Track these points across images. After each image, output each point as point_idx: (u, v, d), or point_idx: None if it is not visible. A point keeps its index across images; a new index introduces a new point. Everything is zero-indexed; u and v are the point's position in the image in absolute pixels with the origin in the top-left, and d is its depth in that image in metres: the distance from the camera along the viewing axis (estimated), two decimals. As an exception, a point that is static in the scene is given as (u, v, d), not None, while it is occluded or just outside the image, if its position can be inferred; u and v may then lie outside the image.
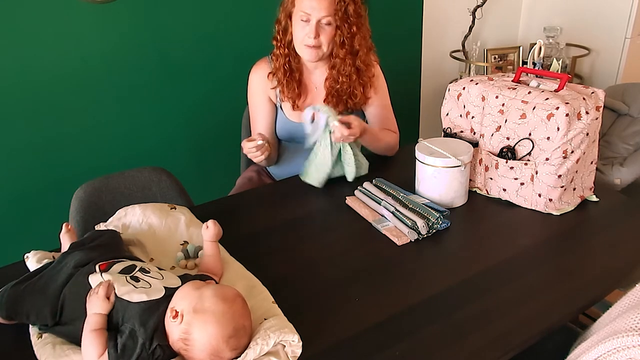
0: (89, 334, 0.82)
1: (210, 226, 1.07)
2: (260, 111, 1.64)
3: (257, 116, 1.65)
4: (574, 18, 2.94)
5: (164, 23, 2.12)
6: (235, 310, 0.84)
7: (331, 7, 1.42)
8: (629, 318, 0.76)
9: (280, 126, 1.65)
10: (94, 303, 0.85)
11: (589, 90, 1.28)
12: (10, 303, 0.91)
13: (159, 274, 0.93)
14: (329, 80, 1.57)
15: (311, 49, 1.47)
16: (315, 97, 1.62)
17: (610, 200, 1.38)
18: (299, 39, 1.48)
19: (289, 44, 1.53)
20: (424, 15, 2.88)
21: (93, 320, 0.83)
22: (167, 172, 1.57)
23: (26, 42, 1.87)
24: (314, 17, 1.42)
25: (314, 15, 1.42)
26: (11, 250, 2.01)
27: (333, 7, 1.42)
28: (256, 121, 1.66)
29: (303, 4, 1.43)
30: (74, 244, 1.02)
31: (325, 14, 1.42)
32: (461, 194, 1.36)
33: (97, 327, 0.83)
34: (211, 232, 1.07)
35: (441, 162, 1.30)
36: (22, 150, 1.98)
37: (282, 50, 1.53)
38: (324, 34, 1.46)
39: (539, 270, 1.11)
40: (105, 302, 0.84)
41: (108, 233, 1.08)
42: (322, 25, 1.44)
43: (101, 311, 0.84)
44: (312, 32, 1.44)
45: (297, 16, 1.46)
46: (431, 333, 0.94)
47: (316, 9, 1.41)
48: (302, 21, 1.44)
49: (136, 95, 2.15)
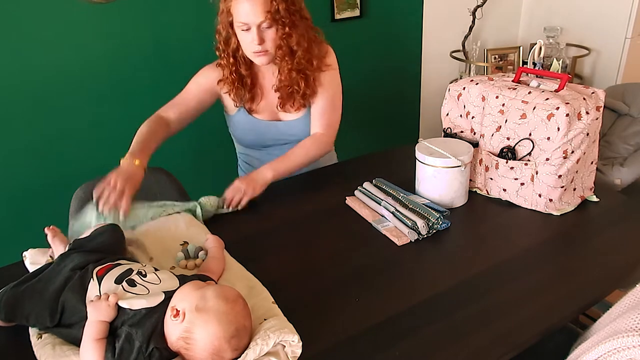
0: (91, 343, 0.81)
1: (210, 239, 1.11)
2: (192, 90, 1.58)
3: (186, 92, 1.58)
4: (574, 18, 2.94)
5: (164, 23, 2.12)
6: (237, 310, 0.84)
7: (265, 10, 1.38)
8: (629, 318, 0.76)
9: (247, 127, 1.61)
10: (101, 310, 0.83)
11: (589, 90, 1.28)
12: (9, 306, 0.90)
13: (156, 276, 0.92)
14: (277, 82, 1.54)
15: (260, 54, 1.44)
16: (272, 98, 1.58)
17: (610, 200, 1.38)
18: (246, 48, 1.45)
19: (235, 52, 1.50)
20: (424, 15, 2.89)
21: (96, 328, 0.82)
22: (167, 172, 1.57)
23: (26, 42, 1.87)
24: (253, 24, 1.39)
25: (251, 22, 1.39)
26: (11, 250, 2.00)
27: (267, 9, 1.38)
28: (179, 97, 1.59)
29: (239, 14, 1.39)
30: (76, 243, 1.02)
31: (262, 19, 1.38)
32: (461, 194, 1.35)
33: (99, 337, 0.82)
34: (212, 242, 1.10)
35: (441, 162, 1.30)
36: (22, 150, 1.98)
37: (227, 59, 1.51)
38: (268, 37, 1.42)
39: (539, 270, 1.11)
40: (113, 310, 0.84)
41: (109, 231, 1.07)
42: (263, 29, 1.41)
43: (107, 319, 0.83)
44: (255, 38, 1.40)
45: (237, 26, 1.43)
46: (431, 333, 0.94)
47: (251, 15, 1.38)
48: (243, 30, 1.41)
49: (136, 94, 2.15)
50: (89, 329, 0.83)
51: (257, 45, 1.42)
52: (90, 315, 0.84)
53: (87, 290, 0.89)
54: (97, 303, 0.85)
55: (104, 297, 0.85)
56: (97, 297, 0.86)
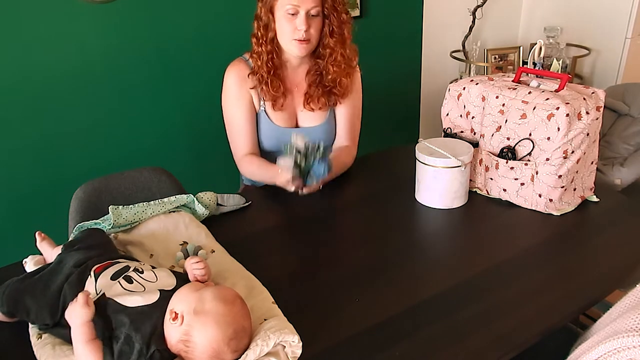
0: (84, 346, 0.80)
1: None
2: (242, 116, 1.51)
3: (239, 123, 1.52)
4: (574, 18, 2.94)
5: (164, 23, 2.12)
6: (236, 311, 0.84)
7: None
8: (629, 318, 0.76)
9: (267, 134, 1.55)
10: (75, 313, 0.82)
11: (589, 90, 1.28)
12: (11, 300, 0.91)
13: (153, 274, 0.92)
14: (313, 74, 1.50)
15: (302, 43, 1.40)
16: (295, 97, 1.55)
17: (610, 200, 1.38)
18: (287, 35, 1.40)
19: (272, 40, 1.43)
20: (424, 15, 2.88)
21: (81, 331, 0.81)
22: (167, 172, 1.57)
23: (26, 42, 1.87)
24: (303, 9, 1.35)
25: (302, 6, 1.35)
26: (11, 250, 2.01)
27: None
28: (239, 132, 1.52)
29: None
30: (68, 245, 1.01)
31: (314, 4, 1.35)
32: (461, 194, 1.35)
33: (89, 338, 0.81)
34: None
35: (441, 162, 1.30)
36: (22, 150, 1.98)
37: (265, 47, 1.44)
38: (313, 26, 1.39)
39: (540, 270, 1.11)
40: (85, 308, 0.82)
41: (98, 233, 1.07)
42: (310, 17, 1.37)
43: (87, 319, 0.82)
44: (302, 24, 1.36)
45: (282, 10, 1.37)
46: (431, 333, 0.94)
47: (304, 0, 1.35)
48: (289, 14, 1.37)
49: (136, 95, 2.15)
50: (76, 335, 0.81)
51: (301, 32, 1.38)
52: (70, 323, 0.83)
53: (85, 287, 0.89)
54: (70, 308, 0.84)
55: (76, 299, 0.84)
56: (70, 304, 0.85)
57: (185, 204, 1.29)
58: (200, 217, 1.29)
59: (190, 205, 1.29)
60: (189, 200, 1.28)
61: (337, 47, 1.46)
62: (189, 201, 1.28)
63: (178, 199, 1.27)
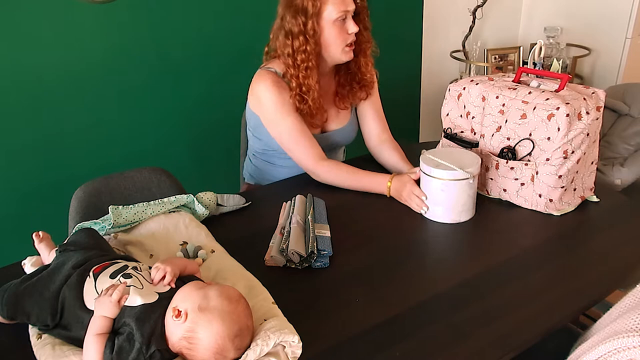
0: (93, 337, 0.81)
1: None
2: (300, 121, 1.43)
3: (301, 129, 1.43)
4: (575, 18, 2.94)
5: (164, 23, 2.12)
6: (240, 310, 0.84)
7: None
8: (629, 319, 0.76)
9: None
10: (104, 305, 0.83)
11: (589, 90, 1.28)
12: (11, 303, 0.91)
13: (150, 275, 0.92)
14: (344, 72, 1.51)
15: (351, 48, 1.42)
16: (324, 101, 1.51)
17: (610, 200, 1.38)
18: (339, 43, 1.38)
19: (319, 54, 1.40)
20: (424, 15, 2.88)
21: (100, 324, 0.82)
22: (167, 172, 1.57)
23: (26, 42, 1.87)
24: (350, 12, 1.37)
25: (349, 8, 1.36)
26: (11, 250, 2.01)
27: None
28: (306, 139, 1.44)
29: (338, 4, 1.34)
30: (63, 246, 1.01)
31: (354, 4, 1.37)
32: (469, 207, 1.29)
33: (102, 332, 0.82)
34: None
35: (448, 174, 1.24)
36: (22, 150, 1.98)
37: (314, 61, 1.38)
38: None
39: (540, 270, 1.11)
40: (116, 307, 0.83)
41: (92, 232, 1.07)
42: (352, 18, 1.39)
43: (110, 315, 0.83)
44: (354, 26, 1.36)
45: (330, 20, 1.35)
46: (431, 333, 0.94)
47: (348, 2, 1.35)
48: (341, 20, 1.36)
49: (136, 95, 2.15)
50: (92, 324, 0.83)
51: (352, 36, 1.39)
52: (95, 310, 0.84)
53: (84, 288, 0.89)
54: (101, 298, 0.85)
55: (110, 291, 0.85)
56: (104, 292, 0.86)
57: (185, 204, 1.29)
58: (200, 217, 1.29)
59: (190, 206, 1.29)
60: (189, 201, 1.28)
61: (370, 39, 1.48)
62: (189, 201, 1.28)
63: (178, 199, 1.27)
